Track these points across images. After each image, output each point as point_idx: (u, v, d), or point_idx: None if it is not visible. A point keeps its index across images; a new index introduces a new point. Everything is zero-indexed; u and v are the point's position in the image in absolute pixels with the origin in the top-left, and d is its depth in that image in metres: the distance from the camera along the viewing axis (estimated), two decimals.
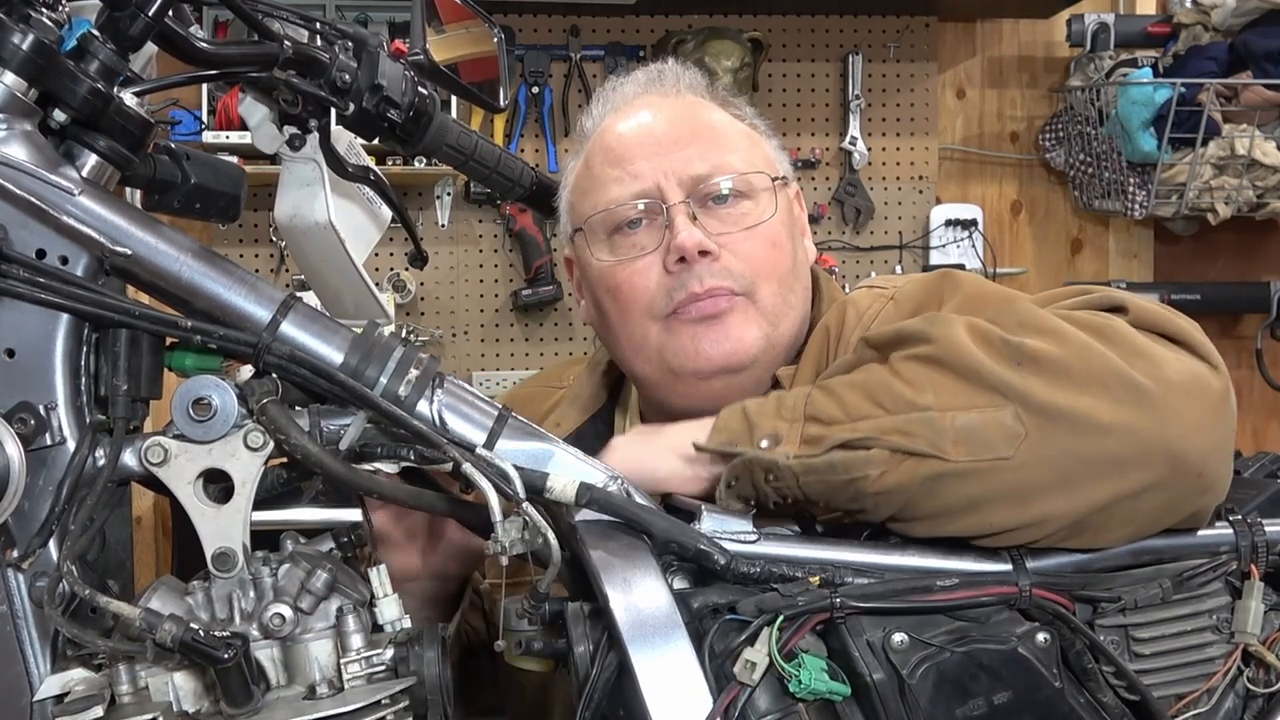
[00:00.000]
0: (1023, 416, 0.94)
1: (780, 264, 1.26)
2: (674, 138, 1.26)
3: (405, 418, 0.94)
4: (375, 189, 1.21)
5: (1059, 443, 0.94)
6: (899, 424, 0.96)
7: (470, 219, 3.15)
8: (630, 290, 1.24)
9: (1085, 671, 0.98)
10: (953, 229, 3.31)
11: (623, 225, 1.25)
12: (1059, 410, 0.93)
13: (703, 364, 1.22)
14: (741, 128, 1.32)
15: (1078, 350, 0.95)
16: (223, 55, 0.99)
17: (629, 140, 1.27)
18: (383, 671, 0.90)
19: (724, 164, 1.25)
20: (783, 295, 1.25)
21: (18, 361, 0.90)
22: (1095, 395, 0.93)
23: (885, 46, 3.29)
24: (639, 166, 1.25)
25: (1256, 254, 3.45)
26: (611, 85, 1.36)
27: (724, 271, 1.22)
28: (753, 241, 1.24)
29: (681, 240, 1.20)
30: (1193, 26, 3.08)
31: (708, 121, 1.30)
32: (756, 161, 1.28)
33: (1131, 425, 0.93)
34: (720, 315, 1.21)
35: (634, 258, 1.24)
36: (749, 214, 1.25)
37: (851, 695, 0.92)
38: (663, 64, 1.36)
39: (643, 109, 1.30)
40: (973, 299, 1.15)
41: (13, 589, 0.89)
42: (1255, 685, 1.04)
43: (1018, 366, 0.95)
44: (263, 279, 0.98)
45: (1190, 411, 0.95)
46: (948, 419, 0.95)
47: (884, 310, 1.20)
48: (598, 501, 0.96)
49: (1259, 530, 1.04)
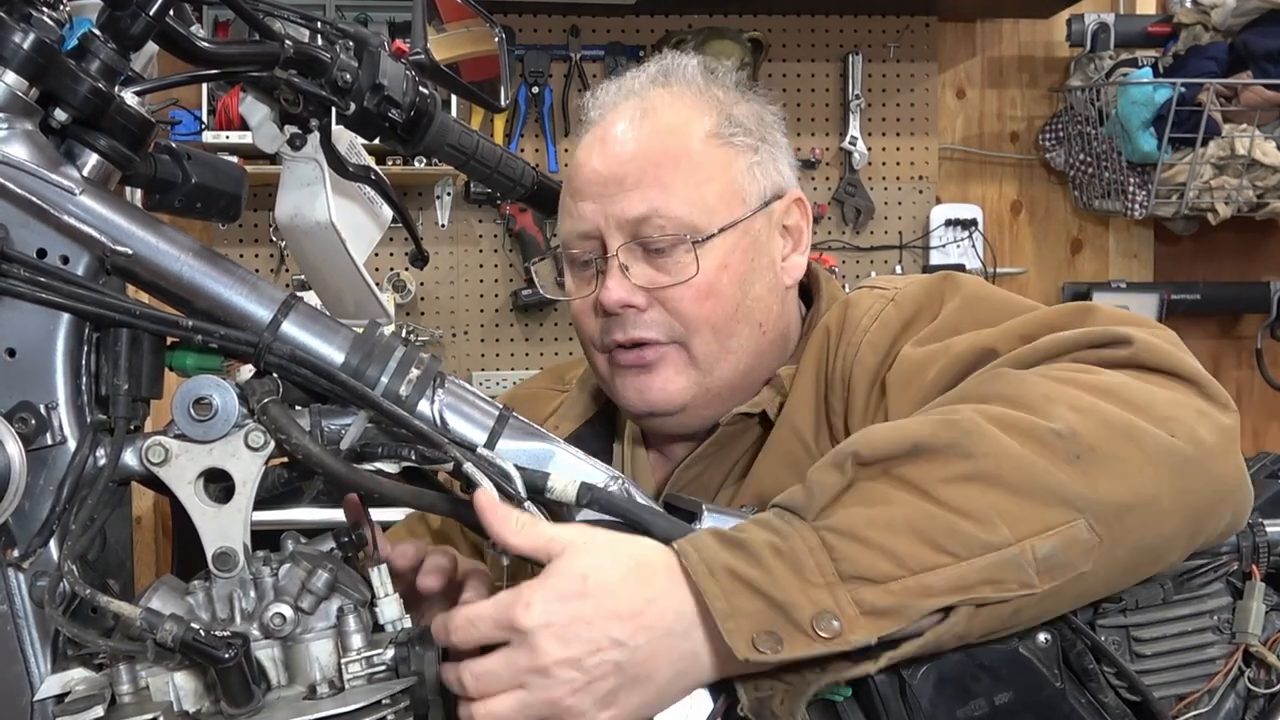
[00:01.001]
0: (1096, 527, 0.87)
1: (716, 312, 1.21)
2: (620, 178, 1.21)
3: (406, 418, 0.94)
4: (376, 189, 1.21)
5: (1130, 540, 0.90)
6: (984, 573, 0.85)
7: (470, 219, 3.15)
8: (581, 323, 1.27)
9: (1086, 672, 0.97)
10: (953, 229, 3.31)
11: (575, 262, 1.27)
12: (1127, 508, 0.89)
13: (636, 407, 1.24)
14: (711, 152, 1.23)
15: (1123, 431, 0.89)
16: (224, 55, 0.99)
17: (586, 173, 1.24)
18: (383, 671, 0.90)
19: (665, 208, 1.20)
20: (719, 343, 1.22)
21: (18, 361, 0.90)
22: (1153, 481, 0.89)
23: (885, 46, 3.29)
24: (585, 208, 1.23)
25: (1256, 254, 3.45)
26: (606, 86, 1.33)
27: (650, 323, 1.21)
28: (688, 293, 1.20)
29: (603, 296, 1.21)
30: (1193, 26, 3.08)
31: (664, 154, 1.22)
32: (707, 202, 1.21)
33: (1187, 503, 0.92)
34: (648, 365, 1.22)
35: (582, 296, 1.26)
36: (686, 265, 1.20)
37: (852, 695, 0.92)
38: (662, 58, 1.32)
39: (612, 128, 1.25)
40: (972, 302, 1.15)
41: (13, 588, 0.89)
42: (1256, 686, 1.04)
43: (1077, 462, 0.87)
44: (263, 279, 0.98)
45: (1227, 468, 0.95)
46: (1029, 551, 0.86)
47: (884, 311, 1.20)
48: (599, 501, 0.96)
49: (1260, 531, 1.04)
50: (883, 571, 0.84)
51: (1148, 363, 0.97)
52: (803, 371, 1.23)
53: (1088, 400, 0.91)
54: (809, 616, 0.83)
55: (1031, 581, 0.85)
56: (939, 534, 0.85)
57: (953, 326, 1.11)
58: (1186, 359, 0.98)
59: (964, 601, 0.84)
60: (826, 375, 1.19)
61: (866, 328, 1.18)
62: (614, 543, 0.90)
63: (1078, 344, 0.99)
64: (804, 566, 0.85)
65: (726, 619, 0.84)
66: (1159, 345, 0.98)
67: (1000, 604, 0.86)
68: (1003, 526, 0.85)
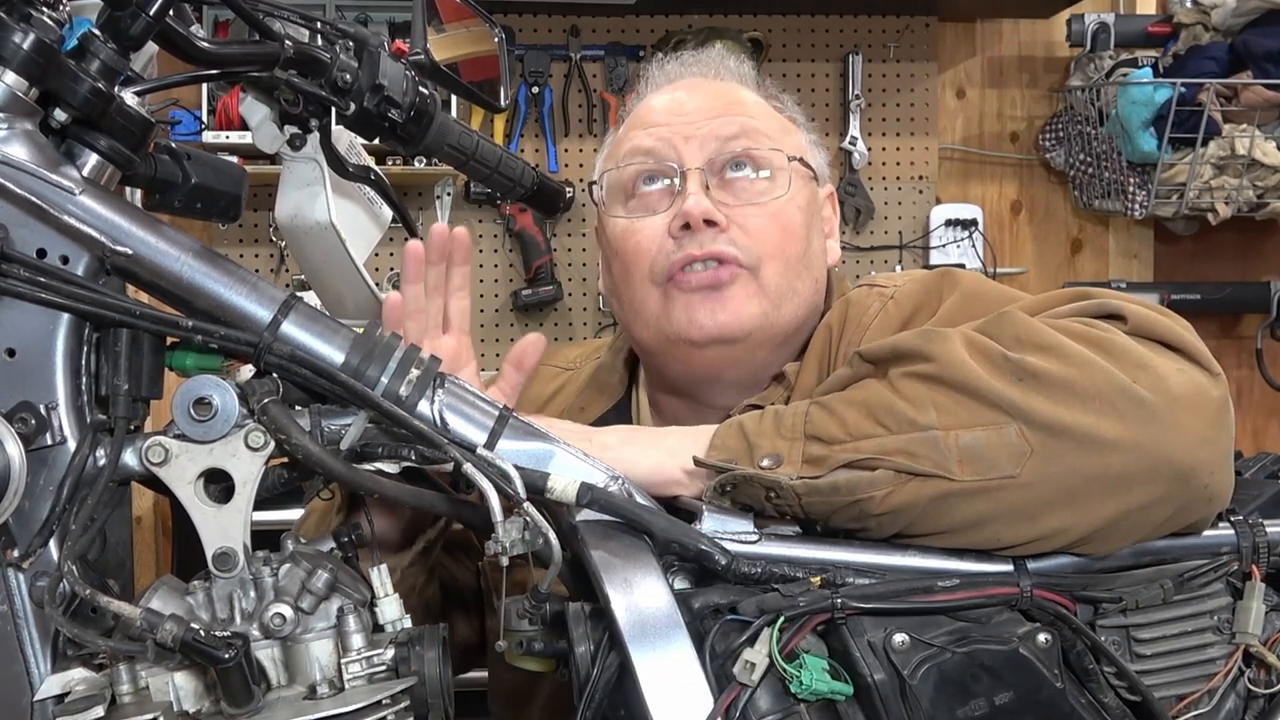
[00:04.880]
0: (1026, 434, 0.93)
1: (789, 247, 1.25)
2: (705, 109, 1.28)
3: (406, 418, 0.94)
4: (376, 189, 1.21)
5: (1065, 460, 0.93)
6: (903, 444, 0.95)
7: (470, 219, 3.15)
8: (635, 251, 1.25)
9: (1086, 672, 0.97)
10: (953, 229, 3.31)
11: (638, 182, 1.27)
12: (1063, 427, 0.92)
13: (696, 333, 1.22)
14: (778, 116, 1.33)
15: (1079, 365, 0.94)
16: (224, 55, 0.99)
17: (659, 109, 1.30)
18: (383, 671, 0.90)
19: (752, 128, 1.26)
20: (788, 279, 1.24)
21: (18, 361, 0.90)
22: (1099, 411, 0.92)
23: (885, 46, 3.29)
24: (663, 130, 1.27)
25: (1256, 254, 3.45)
26: (658, 63, 1.38)
27: (728, 241, 1.22)
28: (763, 218, 1.24)
29: (689, 206, 1.21)
30: (1193, 26, 3.08)
31: (742, 100, 1.31)
32: (784, 143, 1.29)
33: (1136, 441, 0.92)
34: (720, 287, 1.22)
35: (643, 216, 1.25)
36: (764, 191, 1.25)
37: (853, 695, 0.92)
38: (710, 47, 1.38)
39: (681, 87, 1.33)
40: (971, 298, 1.15)
41: (13, 588, 0.89)
42: (1256, 686, 1.04)
43: (1019, 383, 0.94)
44: (263, 279, 0.98)
45: (1194, 424, 0.94)
46: (951, 438, 0.94)
47: (884, 309, 1.20)
48: (599, 501, 0.96)
49: (1260, 531, 1.04)
50: (831, 434, 0.98)
51: (1143, 333, 0.98)
52: (806, 369, 1.24)
53: (1057, 339, 0.96)
54: (764, 454, 0.99)
55: (947, 465, 0.93)
56: (880, 411, 0.97)
57: (951, 322, 1.11)
58: (1184, 332, 0.99)
59: (883, 464, 0.94)
60: (829, 373, 1.19)
61: (867, 325, 1.19)
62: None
63: (1076, 315, 1.01)
64: (784, 425, 1.00)
65: (711, 447, 1.02)
66: (1155, 316, 0.99)
67: (919, 479, 0.94)
68: (932, 412, 0.95)
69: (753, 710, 0.91)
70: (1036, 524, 0.95)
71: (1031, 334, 0.97)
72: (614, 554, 0.95)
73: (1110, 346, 0.96)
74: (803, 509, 0.97)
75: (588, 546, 0.95)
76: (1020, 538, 0.95)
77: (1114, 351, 0.95)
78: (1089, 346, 0.95)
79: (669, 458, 1.03)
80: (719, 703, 0.90)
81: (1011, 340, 0.97)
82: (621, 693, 0.92)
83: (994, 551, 0.97)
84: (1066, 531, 0.95)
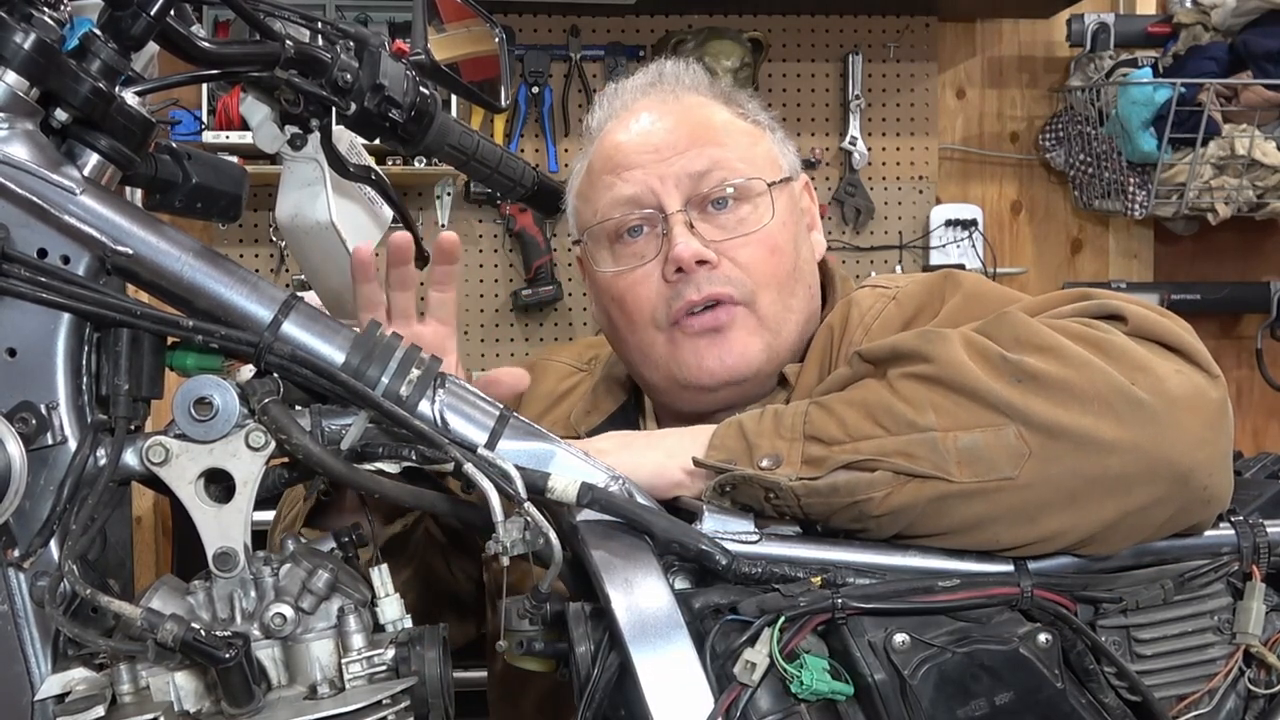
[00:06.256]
0: (1025, 435, 0.93)
1: (780, 269, 1.26)
2: (672, 144, 1.26)
3: (407, 418, 0.94)
4: (376, 189, 1.21)
5: (1063, 462, 0.93)
6: (901, 445, 0.95)
7: (470, 219, 3.15)
8: (634, 300, 1.26)
9: (1087, 672, 0.97)
10: (953, 229, 3.31)
11: (623, 233, 1.27)
12: (1062, 429, 0.92)
13: (706, 378, 1.24)
14: (743, 126, 1.32)
15: (1078, 366, 0.94)
16: (224, 55, 0.99)
17: (628, 148, 1.28)
18: (384, 671, 0.90)
19: (723, 160, 1.26)
20: (783, 301, 1.25)
21: (19, 361, 0.90)
22: (1098, 413, 0.92)
23: (885, 46, 3.29)
24: (637, 174, 1.25)
25: (1256, 254, 3.45)
26: (613, 89, 1.37)
27: (723, 279, 1.23)
28: (751, 247, 1.24)
29: (678, 251, 1.21)
30: (1193, 26, 3.08)
31: (707, 122, 1.29)
32: (757, 163, 1.28)
33: (1135, 442, 0.92)
34: (721, 329, 1.23)
35: (634, 267, 1.25)
36: (747, 219, 1.25)
37: (853, 695, 0.92)
38: (662, 64, 1.36)
39: (643, 113, 1.30)
40: (973, 299, 1.15)
41: (14, 588, 0.89)
42: (1256, 686, 1.04)
43: (1018, 384, 0.94)
44: (264, 279, 0.98)
45: (1192, 426, 0.94)
46: (950, 439, 0.94)
47: (885, 310, 1.21)
48: (599, 502, 0.96)
49: (1260, 531, 1.04)
50: (830, 434, 0.98)
51: (1143, 334, 0.98)
52: (807, 370, 1.24)
53: (1056, 340, 0.96)
54: (764, 455, 0.99)
55: (946, 467, 0.93)
56: (879, 412, 0.97)
57: (953, 324, 1.11)
58: (1184, 334, 0.99)
59: (882, 466, 0.94)
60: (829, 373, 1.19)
61: (869, 326, 1.19)
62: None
63: (1076, 316, 1.01)
64: (784, 425, 1.00)
65: (710, 447, 1.02)
66: (1155, 317, 0.99)
67: (918, 481, 0.93)
68: (931, 413, 0.95)
69: (753, 710, 0.91)
70: (1036, 526, 0.95)
71: (1030, 335, 0.97)
72: (614, 554, 0.95)
73: (1109, 348, 0.96)
74: (802, 510, 0.97)
75: (588, 546, 0.95)
76: (1020, 539, 0.95)
77: (1113, 353, 0.95)
78: (1088, 347, 0.95)
79: (669, 459, 1.03)
80: (719, 703, 0.90)
81: (1010, 341, 0.97)
82: (622, 693, 0.92)
83: (994, 552, 0.97)
84: (1066, 533, 0.95)
